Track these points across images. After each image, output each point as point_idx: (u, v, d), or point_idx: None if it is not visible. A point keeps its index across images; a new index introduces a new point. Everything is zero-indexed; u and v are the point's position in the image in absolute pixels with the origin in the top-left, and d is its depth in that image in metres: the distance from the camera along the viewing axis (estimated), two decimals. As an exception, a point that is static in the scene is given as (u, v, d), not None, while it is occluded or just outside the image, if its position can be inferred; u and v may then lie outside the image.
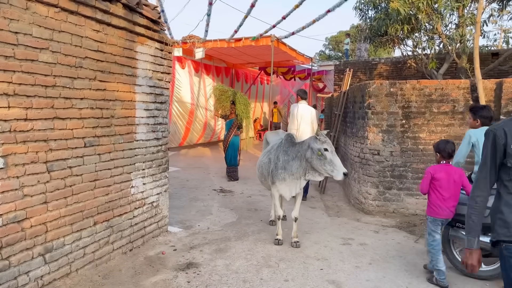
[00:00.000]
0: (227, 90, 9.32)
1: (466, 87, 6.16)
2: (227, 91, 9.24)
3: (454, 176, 3.98)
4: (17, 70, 3.04)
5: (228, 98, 9.15)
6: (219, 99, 9.23)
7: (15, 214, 3.08)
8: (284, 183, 4.86)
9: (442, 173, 3.99)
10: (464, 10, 8.07)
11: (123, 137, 4.28)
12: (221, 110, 9.33)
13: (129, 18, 4.17)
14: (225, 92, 9.23)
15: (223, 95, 9.17)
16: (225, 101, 9.12)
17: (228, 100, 9.15)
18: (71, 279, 3.66)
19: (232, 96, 9.18)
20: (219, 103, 9.27)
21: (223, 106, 9.21)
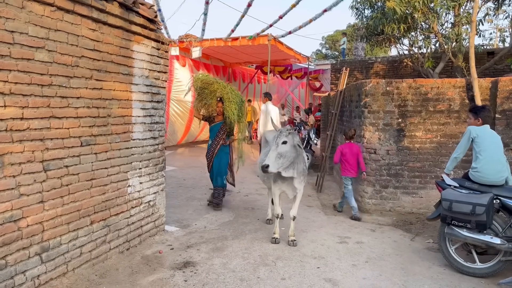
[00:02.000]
0: (212, 81, 6.68)
1: (462, 86, 6.19)
2: (212, 83, 6.65)
3: (354, 150, 6.38)
4: (13, 69, 3.03)
5: (214, 93, 6.64)
6: (200, 94, 6.73)
7: (12, 213, 3.08)
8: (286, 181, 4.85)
9: (347, 149, 6.43)
10: (460, 9, 8.10)
11: (120, 136, 4.28)
12: (204, 110, 6.85)
13: (125, 17, 4.17)
14: (209, 84, 6.66)
15: (206, 88, 6.66)
16: (209, 98, 6.65)
17: (213, 96, 6.65)
18: (68, 279, 3.65)
19: (219, 91, 6.60)
20: (201, 100, 6.76)
21: (206, 104, 6.75)
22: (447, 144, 6.21)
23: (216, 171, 6.60)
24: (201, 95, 6.70)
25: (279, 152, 4.45)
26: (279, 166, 4.47)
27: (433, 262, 4.44)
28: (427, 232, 5.49)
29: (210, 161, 6.69)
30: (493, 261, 4.05)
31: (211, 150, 6.67)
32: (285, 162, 4.53)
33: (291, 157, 4.54)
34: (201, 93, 6.67)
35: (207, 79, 6.73)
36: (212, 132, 6.74)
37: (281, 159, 4.46)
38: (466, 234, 4.04)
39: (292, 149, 4.55)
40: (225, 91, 6.54)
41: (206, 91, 6.63)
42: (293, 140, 4.57)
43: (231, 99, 6.51)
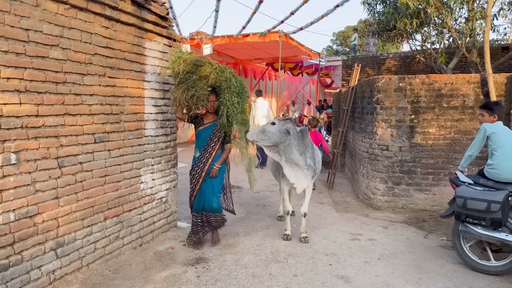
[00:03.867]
0: (202, 62, 4.46)
1: (476, 81, 6.10)
2: (202, 65, 4.43)
3: (318, 137, 7.73)
4: (28, 67, 3.07)
5: (205, 80, 4.42)
6: (184, 82, 4.41)
7: (27, 209, 3.12)
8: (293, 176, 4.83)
9: (312, 136, 6.63)
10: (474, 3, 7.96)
11: (132, 133, 4.31)
12: (191, 106, 4.48)
13: (137, 15, 4.19)
14: (198, 67, 4.42)
15: (192, 73, 4.39)
16: (199, 87, 4.38)
17: (204, 84, 4.43)
18: (82, 274, 3.70)
19: (214, 76, 4.43)
20: (185, 91, 4.41)
21: (193, 97, 4.39)
22: (461, 141, 6.13)
23: (207, 191, 4.59)
24: (185, 84, 4.37)
25: (264, 128, 4.67)
26: (257, 138, 4.64)
27: (446, 260, 4.40)
28: (441, 230, 5.43)
29: (196, 184, 4.58)
30: (508, 259, 4.00)
31: (200, 168, 4.55)
32: (265, 139, 4.62)
33: (273, 138, 4.59)
34: (185, 80, 4.36)
35: (194, 59, 4.45)
36: (200, 139, 4.60)
37: (262, 135, 4.61)
38: (480, 232, 3.99)
39: (278, 133, 4.59)
40: (223, 77, 4.41)
41: (193, 77, 4.35)
42: (281, 126, 4.64)
43: (233, 88, 4.44)
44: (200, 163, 4.59)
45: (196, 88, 4.36)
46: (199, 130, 4.64)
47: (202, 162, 4.58)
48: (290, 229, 5.05)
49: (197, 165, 4.61)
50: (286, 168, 4.75)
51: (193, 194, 4.65)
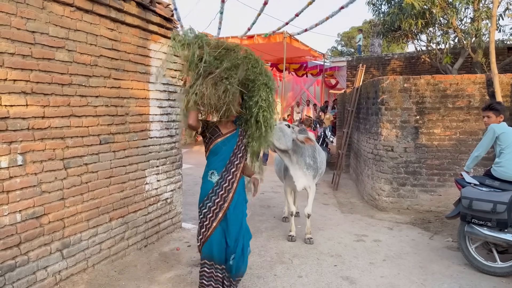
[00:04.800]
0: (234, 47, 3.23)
1: (482, 82, 6.07)
2: (235, 49, 3.21)
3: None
4: (35, 69, 3.09)
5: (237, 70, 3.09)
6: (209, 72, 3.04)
7: (34, 210, 3.15)
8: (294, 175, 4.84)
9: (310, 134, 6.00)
10: (480, 3, 7.93)
11: (138, 134, 4.33)
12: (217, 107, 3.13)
13: (142, 16, 4.21)
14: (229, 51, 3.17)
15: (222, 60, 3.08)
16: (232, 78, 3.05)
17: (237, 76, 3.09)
18: (88, 274, 3.72)
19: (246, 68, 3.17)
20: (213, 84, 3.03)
21: (225, 92, 3.02)
22: (467, 141, 6.10)
23: (231, 234, 3.25)
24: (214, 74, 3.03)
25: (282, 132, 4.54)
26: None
27: (452, 261, 4.38)
28: (446, 231, 5.41)
29: (213, 220, 3.21)
30: (514, 261, 3.97)
31: (221, 197, 3.21)
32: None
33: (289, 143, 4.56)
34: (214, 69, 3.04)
35: (221, 42, 3.24)
36: (219, 156, 3.25)
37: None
38: (486, 233, 3.97)
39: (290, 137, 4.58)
40: (258, 69, 3.22)
41: (223, 65, 3.05)
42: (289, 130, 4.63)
43: (270, 85, 3.27)
44: (221, 189, 3.19)
45: (230, 81, 3.02)
46: (217, 144, 3.23)
47: (224, 189, 3.20)
48: (295, 230, 5.05)
49: (215, 193, 3.19)
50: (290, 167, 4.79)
51: (206, 235, 3.21)
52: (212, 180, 3.25)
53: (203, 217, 3.25)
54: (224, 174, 3.23)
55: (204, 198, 3.25)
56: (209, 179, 3.26)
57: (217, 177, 3.23)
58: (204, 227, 3.24)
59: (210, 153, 3.31)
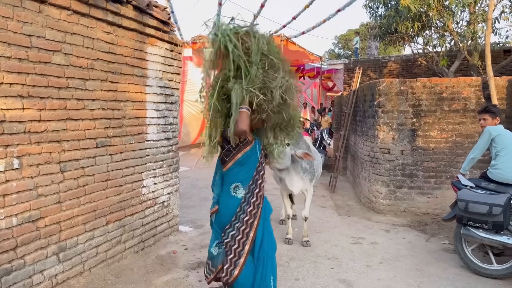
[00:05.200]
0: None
1: (478, 84, 6.10)
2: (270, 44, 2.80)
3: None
4: (31, 72, 3.09)
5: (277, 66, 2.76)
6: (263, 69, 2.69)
7: (30, 214, 3.14)
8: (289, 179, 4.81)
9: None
10: (476, 7, 7.98)
11: (134, 137, 4.33)
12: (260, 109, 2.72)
13: (139, 20, 4.21)
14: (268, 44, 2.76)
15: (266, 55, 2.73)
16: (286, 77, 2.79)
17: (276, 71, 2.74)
18: (85, 278, 3.71)
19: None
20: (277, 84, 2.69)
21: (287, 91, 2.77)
22: (463, 144, 6.13)
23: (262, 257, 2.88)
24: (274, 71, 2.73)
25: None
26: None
27: (449, 264, 4.39)
28: (443, 233, 5.42)
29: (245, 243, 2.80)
30: (510, 262, 3.98)
31: (250, 214, 2.82)
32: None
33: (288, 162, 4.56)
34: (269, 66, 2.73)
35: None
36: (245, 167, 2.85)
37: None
38: (482, 235, 3.99)
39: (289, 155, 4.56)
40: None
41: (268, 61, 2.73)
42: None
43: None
44: (249, 205, 2.79)
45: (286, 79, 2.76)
46: (246, 153, 2.81)
47: (253, 204, 2.80)
48: (292, 232, 5.05)
49: (243, 211, 2.78)
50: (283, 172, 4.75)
51: (239, 263, 2.75)
52: (237, 195, 2.81)
53: (231, 240, 2.74)
54: (252, 188, 2.84)
55: (231, 219, 2.77)
56: (233, 194, 2.81)
57: (243, 191, 2.80)
58: (233, 252, 2.68)
59: (235, 164, 2.81)
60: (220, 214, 2.86)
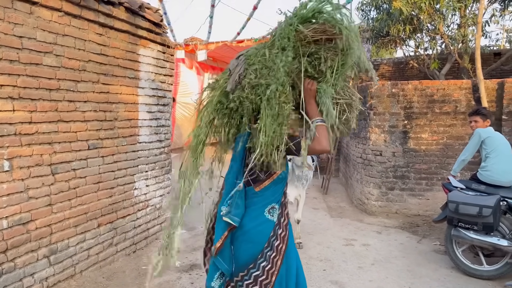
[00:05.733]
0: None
1: (468, 87, 6.16)
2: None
3: None
4: (22, 74, 3.07)
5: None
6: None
7: (20, 216, 3.12)
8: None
9: None
10: (466, 10, 8.07)
11: (126, 139, 4.31)
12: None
13: (131, 21, 4.21)
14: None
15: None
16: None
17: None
18: (76, 281, 3.68)
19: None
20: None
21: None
22: (453, 146, 6.18)
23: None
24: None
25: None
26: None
27: (440, 265, 4.42)
28: (434, 234, 5.46)
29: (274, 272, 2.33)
30: (500, 263, 4.02)
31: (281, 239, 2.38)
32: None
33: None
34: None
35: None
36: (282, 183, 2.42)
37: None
38: (473, 236, 4.02)
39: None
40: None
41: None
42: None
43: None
44: (281, 228, 2.39)
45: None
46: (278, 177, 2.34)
47: (283, 227, 2.41)
48: None
49: (276, 235, 2.35)
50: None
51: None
52: (273, 218, 2.33)
53: (260, 272, 2.29)
54: (283, 207, 2.43)
55: (264, 246, 2.29)
56: (269, 218, 2.32)
57: (277, 212, 2.36)
58: (260, 284, 2.29)
59: (273, 182, 2.33)
60: (250, 244, 2.30)
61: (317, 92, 2.20)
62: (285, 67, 2.09)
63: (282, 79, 2.07)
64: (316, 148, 2.20)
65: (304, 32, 2.09)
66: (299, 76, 2.20)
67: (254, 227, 2.30)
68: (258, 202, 2.33)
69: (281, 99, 2.08)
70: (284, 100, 2.10)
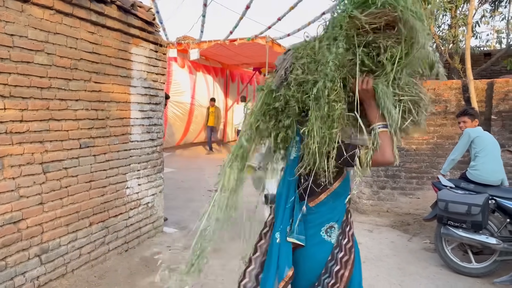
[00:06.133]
0: None
1: (458, 87, 6.23)
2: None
3: None
4: (13, 72, 3.06)
5: None
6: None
7: (11, 215, 3.10)
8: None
9: None
10: (457, 11, 8.16)
11: (118, 138, 4.30)
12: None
13: (123, 20, 4.20)
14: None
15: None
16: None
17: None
18: (67, 280, 3.67)
19: None
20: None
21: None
22: (444, 145, 6.25)
23: None
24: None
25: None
26: None
27: (429, 262, 4.48)
28: (424, 233, 5.52)
29: None
30: (489, 261, 4.09)
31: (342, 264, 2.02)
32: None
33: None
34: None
35: None
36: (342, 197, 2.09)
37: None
38: (462, 234, 4.07)
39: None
40: None
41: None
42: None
43: None
44: (342, 251, 2.04)
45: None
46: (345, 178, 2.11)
47: (346, 250, 2.06)
48: None
49: (335, 259, 2.02)
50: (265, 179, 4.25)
51: None
52: (330, 239, 2.02)
53: None
54: (344, 225, 2.07)
55: (320, 272, 1.99)
56: (325, 238, 2.02)
57: (337, 232, 2.04)
58: None
59: (331, 196, 2.03)
60: (305, 266, 2.02)
61: (375, 91, 1.86)
62: (335, 59, 1.79)
63: (331, 74, 1.78)
64: (379, 159, 1.85)
65: (359, 18, 1.74)
66: (353, 71, 1.85)
67: (308, 247, 2.00)
68: (314, 219, 2.03)
69: (330, 97, 1.78)
70: (334, 98, 1.79)
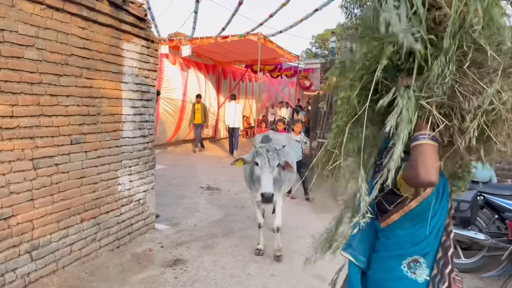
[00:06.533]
0: None
1: None
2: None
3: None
4: (3, 67, 3.03)
5: None
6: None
7: (1, 212, 3.08)
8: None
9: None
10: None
11: (110, 134, 4.29)
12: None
13: (115, 16, 4.17)
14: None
15: None
16: None
17: None
18: (58, 276, 3.66)
19: None
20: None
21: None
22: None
23: None
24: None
25: (275, 176, 4.03)
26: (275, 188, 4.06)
27: (419, 258, 4.52)
28: (414, 229, 5.57)
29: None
30: (477, 256, 4.15)
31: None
32: (278, 184, 4.23)
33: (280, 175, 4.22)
34: None
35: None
36: (418, 231, 1.68)
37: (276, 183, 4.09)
38: (451, 230, 4.12)
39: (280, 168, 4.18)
40: None
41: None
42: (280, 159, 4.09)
43: None
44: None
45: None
46: (428, 198, 1.69)
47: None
48: (263, 242, 4.69)
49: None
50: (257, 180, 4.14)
51: None
52: (417, 277, 1.63)
53: None
54: (442, 264, 1.65)
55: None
56: (408, 275, 1.64)
57: (427, 271, 1.63)
58: None
59: (406, 217, 1.67)
60: None
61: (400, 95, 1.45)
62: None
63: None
64: (409, 176, 1.50)
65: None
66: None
67: (387, 280, 1.66)
68: (388, 246, 1.68)
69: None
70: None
